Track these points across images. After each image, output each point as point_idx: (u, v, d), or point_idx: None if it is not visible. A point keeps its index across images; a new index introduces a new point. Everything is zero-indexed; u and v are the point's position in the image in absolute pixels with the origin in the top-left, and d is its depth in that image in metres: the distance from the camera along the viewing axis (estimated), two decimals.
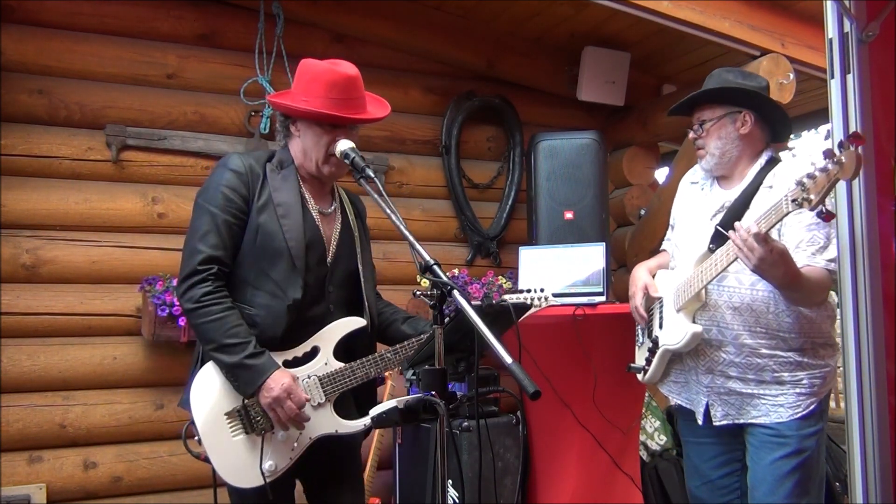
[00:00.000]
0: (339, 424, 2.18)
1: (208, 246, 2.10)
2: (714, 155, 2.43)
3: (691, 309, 2.39)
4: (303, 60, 2.26)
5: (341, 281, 2.28)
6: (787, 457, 2.28)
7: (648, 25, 3.54)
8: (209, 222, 2.12)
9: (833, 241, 2.19)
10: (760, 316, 2.31)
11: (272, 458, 2.11)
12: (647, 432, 3.93)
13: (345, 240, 2.30)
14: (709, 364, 2.39)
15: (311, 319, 2.20)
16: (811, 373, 2.31)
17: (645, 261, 2.74)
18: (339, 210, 2.34)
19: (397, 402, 1.70)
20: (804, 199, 1.87)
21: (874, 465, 1.71)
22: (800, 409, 2.29)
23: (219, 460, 2.10)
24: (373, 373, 2.20)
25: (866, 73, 1.80)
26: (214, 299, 2.08)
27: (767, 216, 2.03)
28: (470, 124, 4.14)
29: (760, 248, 2.01)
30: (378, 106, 2.31)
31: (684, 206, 2.64)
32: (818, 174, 1.84)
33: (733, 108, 2.41)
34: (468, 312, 1.59)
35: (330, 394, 2.17)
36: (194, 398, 2.13)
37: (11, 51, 3.23)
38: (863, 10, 1.80)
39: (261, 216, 2.15)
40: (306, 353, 2.19)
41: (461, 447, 3.28)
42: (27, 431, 3.18)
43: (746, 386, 2.34)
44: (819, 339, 2.33)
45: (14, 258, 3.21)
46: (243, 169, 2.17)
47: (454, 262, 4.05)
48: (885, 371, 1.75)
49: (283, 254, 2.14)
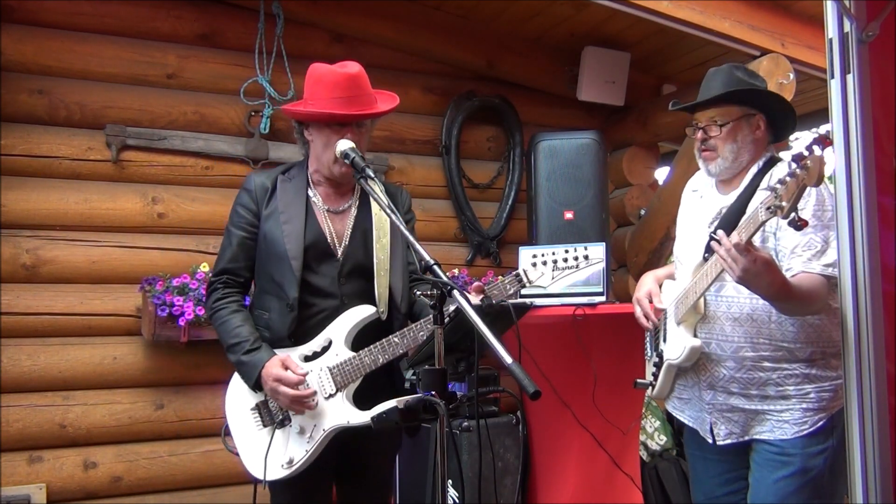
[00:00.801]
0: (352, 416, 2.19)
1: (222, 260, 2.33)
2: (727, 159, 2.28)
3: (691, 322, 2.28)
4: (311, 65, 2.29)
5: (355, 273, 2.30)
6: (791, 476, 2.15)
7: (648, 25, 3.54)
8: (226, 239, 2.35)
9: (832, 245, 2.08)
10: (762, 326, 2.18)
11: (290, 450, 2.18)
12: (647, 432, 3.93)
13: (359, 234, 2.33)
14: (710, 380, 2.27)
15: (324, 313, 2.26)
16: (819, 385, 2.16)
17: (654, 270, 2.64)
18: (357, 206, 2.37)
19: (397, 402, 1.71)
20: (777, 207, 1.82)
21: (874, 465, 1.71)
22: (806, 425, 2.15)
23: (245, 454, 2.21)
24: (381, 359, 2.21)
25: (866, 73, 1.80)
26: (222, 304, 2.28)
27: (747, 225, 1.97)
28: (470, 124, 4.14)
29: (743, 258, 1.92)
30: (386, 99, 2.35)
31: (686, 215, 2.54)
32: (788, 179, 1.79)
33: (749, 110, 2.28)
34: (468, 312, 1.60)
35: (340, 384, 2.20)
36: (229, 396, 2.28)
37: (11, 51, 3.23)
38: (863, 10, 1.80)
39: (266, 225, 2.29)
40: (323, 346, 2.25)
41: (461, 447, 3.28)
42: (27, 431, 3.18)
43: (750, 402, 2.21)
44: (830, 348, 2.18)
45: (14, 258, 3.21)
46: (254, 186, 2.33)
47: (454, 262, 4.05)
48: (885, 371, 1.75)
49: (283, 257, 2.25)
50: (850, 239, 1.81)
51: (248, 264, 2.33)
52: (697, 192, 2.50)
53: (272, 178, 2.34)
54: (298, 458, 2.17)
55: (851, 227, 1.81)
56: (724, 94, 2.26)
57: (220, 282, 2.31)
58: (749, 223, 1.97)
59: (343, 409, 2.19)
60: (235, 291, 2.31)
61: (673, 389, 2.42)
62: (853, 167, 1.80)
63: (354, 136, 2.20)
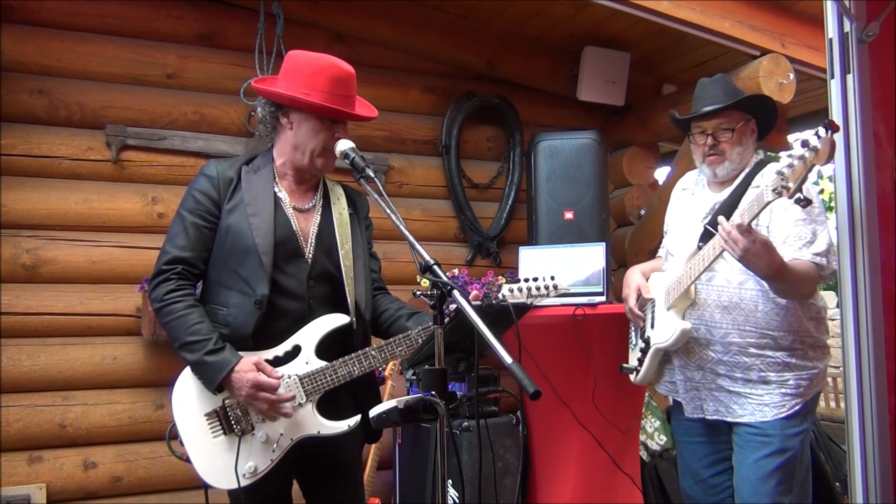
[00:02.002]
0: (322, 425, 2.12)
1: (175, 247, 2.15)
2: (734, 161, 2.46)
3: (681, 307, 2.44)
4: (294, 52, 2.24)
5: (323, 277, 2.23)
6: (771, 455, 2.33)
7: (648, 25, 3.54)
8: (179, 225, 2.17)
9: (820, 236, 2.28)
10: (749, 314, 2.35)
11: (252, 459, 2.09)
12: (647, 432, 3.93)
13: (324, 236, 2.25)
14: (699, 361, 2.45)
15: (289, 316, 2.16)
16: (798, 374, 2.35)
17: (639, 264, 2.80)
18: (322, 205, 2.30)
19: (397, 402, 1.70)
20: (783, 188, 1.93)
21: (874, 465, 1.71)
22: (784, 408, 2.34)
23: (199, 461, 2.10)
24: (356, 371, 2.12)
25: (866, 73, 1.80)
26: (176, 297, 2.11)
27: (751, 207, 2.10)
28: (470, 124, 4.13)
29: (744, 238, 2.08)
30: (365, 107, 2.31)
31: (676, 212, 2.71)
32: (796, 163, 1.91)
33: (746, 115, 2.49)
34: (468, 312, 1.59)
35: (311, 393, 2.12)
36: (176, 399, 2.14)
37: (11, 51, 3.23)
38: (863, 10, 1.80)
39: (230, 217, 2.16)
40: (287, 351, 2.14)
41: (461, 447, 3.28)
42: (27, 431, 3.18)
43: (734, 384, 2.39)
44: (808, 339, 2.37)
45: (14, 258, 3.21)
46: (215, 174, 2.19)
47: (454, 262, 4.05)
48: (885, 371, 1.75)
49: (252, 251, 2.13)
50: (850, 239, 1.81)
51: (205, 255, 2.17)
52: (688, 191, 2.68)
53: (236, 169, 2.21)
54: (263, 467, 2.09)
55: (851, 227, 1.81)
56: (742, 100, 2.47)
57: (174, 272, 2.12)
58: (753, 205, 2.09)
59: (312, 418, 2.12)
60: (188, 284, 2.15)
61: (662, 374, 2.59)
62: (853, 167, 1.81)
63: (343, 134, 2.18)
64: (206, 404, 2.12)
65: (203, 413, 2.12)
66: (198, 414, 2.12)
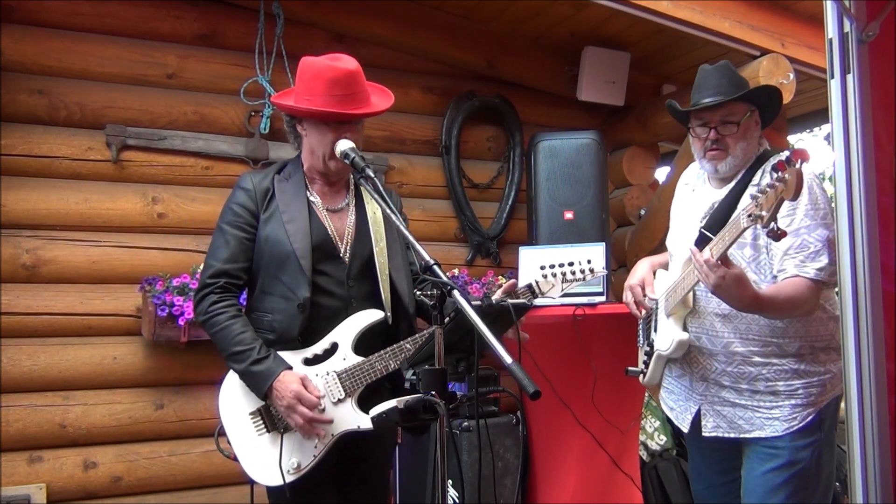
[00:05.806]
0: (362, 420, 2.16)
1: (218, 260, 2.23)
2: (737, 157, 2.28)
3: (680, 315, 2.32)
4: (303, 58, 2.28)
5: (361, 274, 2.29)
6: (778, 469, 2.20)
7: (648, 25, 3.54)
8: (220, 238, 2.25)
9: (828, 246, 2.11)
10: (751, 322, 2.21)
11: (296, 455, 2.15)
12: (647, 432, 3.93)
13: (359, 233, 2.32)
14: (702, 372, 2.31)
15: (331, 315, 2.23)
16: (808, 381, 2.20)
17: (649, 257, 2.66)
18: (354, 204, 2.36)
19: (397, 402, 1.70)
20: (757, 216, 1.86)
21: (874, 465, 1.71)
22: (796, 421, 2.19)
23: (245, 459, 2.16)
24: (392, 365, 2.18)
25: (866, 73, 1.80)
26: (220, 309, 2.18)
27: (730, 231, 2.00)
28: (470, 124, 4.13)
29: (713, 273, 2.00)
30: (382, 96, 2.34)
31: (678, 208, 2.57)
32: (768, 190, 1.84)
33: (750, 107, 2.30)
34: (468, 312, 1.59)
35: (350, 389, 2.17)
36: (223, 399, 2.21)
37: (11, 51, 3.23)
38: (863, 10, 1.80)
39: (268, 226, 2.24)
40: (326, 349, 2.21)
41: (461, 447, 3.28)
42: (27, 431, 3.18)
43: (740, 396, 2.25)
44: (819, 342, 2.22)
45: (14, 258, 3.21)
46: (251, 186, 2.27)
47: (454, 262, 4.05)
48: (885, 371, 1.75)
49: (291, 257, 2.20)
50: (849, 239, 1.81)
51: (247, 266, 2.25)
52: (689, 186, 2.52)
53: (269, 179, 2.30)
54: (307, 464, 2.14)
55: (851, 227, 1.80)
56: (751, 92, 2.28)
57: (218, 286, 2.20)
58: (731, 229, 2.00)
59: (353, 414, 2.17)
60: (232, 296, 2.22)
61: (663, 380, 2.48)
62: (853, 167, 1.80)
63: (352, 135, 2.21)
64: (250, 403, 2.19)
65: (248, 412, 2.19)
66: (243, 413, 2.19)
